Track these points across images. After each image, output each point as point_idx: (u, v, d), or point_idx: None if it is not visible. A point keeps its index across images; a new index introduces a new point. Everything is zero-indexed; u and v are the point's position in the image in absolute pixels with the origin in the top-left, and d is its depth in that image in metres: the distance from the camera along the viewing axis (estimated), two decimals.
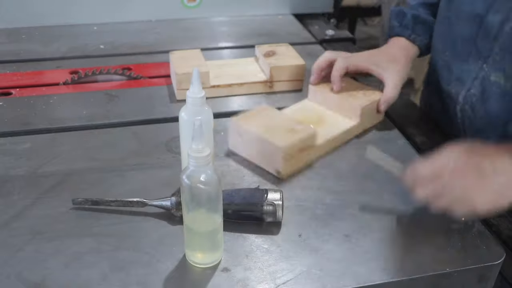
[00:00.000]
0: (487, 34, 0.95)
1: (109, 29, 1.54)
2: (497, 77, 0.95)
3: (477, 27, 0.97)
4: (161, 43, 1.45)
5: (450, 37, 1.06)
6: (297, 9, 1.72)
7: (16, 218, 0.79)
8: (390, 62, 1.05)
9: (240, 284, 0.69)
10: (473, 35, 0.98)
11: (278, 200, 0.76)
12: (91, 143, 0.98)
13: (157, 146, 0.98)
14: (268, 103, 1.15)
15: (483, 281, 0.75)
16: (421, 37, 1.11)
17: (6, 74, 1.26)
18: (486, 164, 0.73)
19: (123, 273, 0.70)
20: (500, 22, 0.92)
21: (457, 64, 1.04)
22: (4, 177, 0.88)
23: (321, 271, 0.71)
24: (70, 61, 1.33)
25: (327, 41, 1.50)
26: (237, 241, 0.76)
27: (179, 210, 0.77)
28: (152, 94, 1.18)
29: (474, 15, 0.97)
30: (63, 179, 0.88)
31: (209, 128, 0.82)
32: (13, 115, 1.07)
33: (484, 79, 0.97)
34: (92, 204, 0.81)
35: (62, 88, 1.20)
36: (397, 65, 1.05)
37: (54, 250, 0.73)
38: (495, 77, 0.95)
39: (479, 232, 0.78)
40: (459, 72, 1.02)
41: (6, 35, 1.48)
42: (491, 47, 0.94)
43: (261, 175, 0.90)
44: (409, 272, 0.71)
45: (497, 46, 0.93)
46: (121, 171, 0.90)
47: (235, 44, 1.48)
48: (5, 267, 0.70)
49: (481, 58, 0.97)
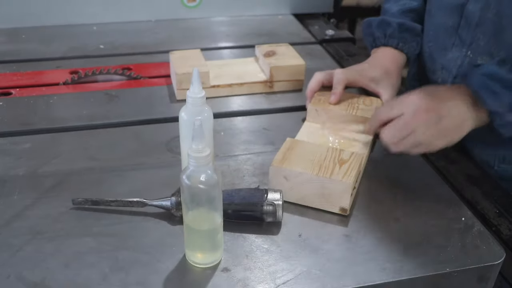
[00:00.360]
0: (469, 23, 0.96)
1: (109, 29, 1.54)
2: (483, 60, 0.96)
3: (458, 17, 0.98)
4: (161, 43, 1.45)
5: (431, 29, 1.07)
6: (297, 9, 1.72)
7: (16, 218, 0.79)
8: (384, 76, 1.05)
9: (240, 284, 0.69)
10: (455, 25, 0.99)
11: (278, 200, 0.76)
12: (91, 143, 0.99)
13: (157, 146, 0.98)
14: (268, 103, 1.15)
15: (483, 281, 0.75)
16: (408, 44, 1.09)
17: (6, 74, 1.26)
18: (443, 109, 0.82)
19: (123, 273, 0.70)
20: (480, 9, 0.94)
21: (440, 54, 1.05)
22: (4, 177, 0.88)
23: (321, 271, 0.71)
24: (70, 61, 1.34)
25: (327, 41, 1.50)
26: (237, 241, 0.76)
27: (179, 210, 0.77)
28: (152, 94, 1.18)
29: (454, 6, 0.98)
30: (63, 179, 0.88)
31: (209, 128, 0.82)
32: (13, 115, 1.07)
33: (470, 64, 0.98)
34: (92, 204, 0.81)
35: (62, 88, 1.20)
36: (391, 78, 1.05)
37: (54, 250, 0.73)
38: (481, 60, 0.97)
39: (479, 232, 0.78)
40: (444, 61, 1.04)
41: (6, 35, 1.48)
42: (474, 34, 0.96)
43: (261, 175, 0.90)
44: (409, 272, 0.71)
45: (480, 32, 0.95)
46: (121, 171, 0.90)
47: (235, 44, 1.48)
48: (5, 267, 0.70)
49: (465, 46, 0.98)
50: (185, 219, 0.69)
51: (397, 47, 1.09)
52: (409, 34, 1.09)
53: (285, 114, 1.11)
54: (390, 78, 1.05)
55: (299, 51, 1.25)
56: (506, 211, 0.85)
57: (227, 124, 1.06)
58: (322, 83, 1.04)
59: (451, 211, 0.83)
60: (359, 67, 1.08)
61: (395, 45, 1.09)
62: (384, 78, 1.05)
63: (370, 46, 1.14)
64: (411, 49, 1.10)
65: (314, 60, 1.35)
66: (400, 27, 1.09)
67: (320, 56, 1.41)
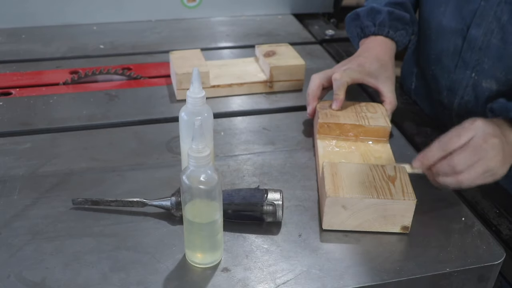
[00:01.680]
0: (472, 47, 0.96)
1: (109, 29, 1.54)
2: (487, 83, 0.96)
3: (461, 41, 0.98)
4: (161, 43, 1.45)
5: (433, 53, 1.06)
6: (297, 9, 1.72)
7: (16, 218, 0.79)
8: (381, 69, 1.02)
9: (240, 284, 0.69)
10: (458, 48, 0.99)
11: (278, 200, 0.76)
12: (91, 143, 0.98)
13: (157, 146, 0.98)
14: (268, 103, 1.15)
15: (483, 281, 0.75)
16: (399, 32, 1.07)
17: (6, 74, 1.26)
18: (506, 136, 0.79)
19: (123, 273, 0.70)
20: (483, 35, 0.93)
21: (444, 76, 1.04)
22: (4, 177, 0.88)
23: (321, 271, 0.71)
24: (70, 61, 1.34)
25: (327, 41, 1.50)
26: (237, 241, 0.76)
27: (179, 210, 0.77)
28: (152, 94, 1.18)
29: (455, 30, 0.98)
30: (63, 179, 0.88)
31: (209, 128, 0.82)
32: (13, 115, 1.07)
33: (476, 86, 0.98)
34: (92, 204, 0.81)
35: (62, 88, 1.20)
36: (387, 70, 1.03)
37: (54, 250, 0.73)
38: (486, 83, 0.96)
39: (479, 232, 0.78)
40: (449, 83, 1.03)
41: (6, 35, 1.48)
42: (478, 58, 0.96)
43: (261, 175, 0.90)
44: (409, 272, 0.71)
45: (484, 56, 0.94)
46: (121, 171, 0.90)
47: (235, 44, 1.48)
48: (5, 267, 0.70)
49: (469, 68, 0.98)
50: (185, 219, 0.69)
51: (388, 35, 1.07)
52: (399, 23, 1.07)
53: (285, 114, 1.11)
54: (387, 70, 1.03)
55: (299, 51, 1.25)
56: (506, 211, 0.85)
57: (227, 124, 1.06)
58: (322, 85, 1.02)
59: (451, 211, 0.83)
60: (354, 63, 1.03)
61: (386, 34, 1.07)
62: (381, 71, 1.02)
63: (358, 36, 1.11)
64: (401, 38, 1.08)
65: (314, 60, 1.36)
66: (390, 15, 1.06)
67: (320, 56, 1.41)
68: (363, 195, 0.75)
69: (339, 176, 0.79)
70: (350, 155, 0.92)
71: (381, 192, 0.76)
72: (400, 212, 0.76)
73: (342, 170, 0.81)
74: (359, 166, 0.82)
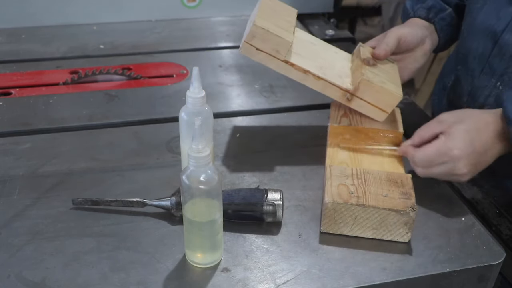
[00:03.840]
0: (503, 53, 0.89)
1: (109, 29, 1.54)
2: None
3: (491, 44, 0.91)
4: (161, 43, 1.45)
5: (461, 51, 1.01)
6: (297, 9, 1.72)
7: (16, 218, 0.79)
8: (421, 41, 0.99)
9: (240, 284, 0.69)
10: (487, 52, 0.92)
11: (278, 200, 0.76)
12: (91, 143, 0.98)
13: (157, 146, 0.98)
14: (268, 103, 1.14)
15: (483, 281, 0.75)
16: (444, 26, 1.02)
17: (6, 74, 1.26)
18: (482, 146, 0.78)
19: (123, 273, 0.70)
20: None
21: (467, 79, 0.98)
22: (4, 177, 0.88)
23: (321, 271, 0.71)
24: (70, 61, 1.34)
25: (327, 41, 1.49)
26: (237, 241, 0.76)
27: (179, 210, 0.77)
28: (152, 94, 1.18)
29: (488, 32, 0.91)
30: (63, 179, 0.88)
31: (209, 128, 0.82)
32: (13, 115, 1.07)
33: (499, 97, 0.90)
34: (92, 204, 0.81)
35: (62, 88, 1.20)
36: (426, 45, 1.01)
37: (54, 250, 0.73)
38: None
39: (479, 232, 0.78)
40: (470, 88, 0.98)
41: (6, 35, 1.48)
42: (507, 66, 0.89)
43: (261, 175, 0.90)
44: (409, 272, 0.71)
45: None
46: (121, 171, 0.90)
47: (235, 44, 1.47)
48: (5, 267, 0.70)
49: (494, 76, 0.91)
50: (185, 219, 0.69)
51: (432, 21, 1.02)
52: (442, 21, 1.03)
53: (285, 114, 1.11)
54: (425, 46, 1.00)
55: None
56: (506, 211, 0.85)
57: (227, 124, 1.06)
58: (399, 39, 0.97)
59: (451, 211, 0.83)
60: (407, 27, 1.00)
61: (425, 16, 1.03)
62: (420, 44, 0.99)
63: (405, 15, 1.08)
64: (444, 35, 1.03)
65: None
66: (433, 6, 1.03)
67: None
68: (363, 204, 0.75)
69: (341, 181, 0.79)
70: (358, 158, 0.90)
71: (389, 201, 0.75)
72: (401, 221, 0.75)
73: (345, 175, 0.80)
74: (376, 172, 0.81)
